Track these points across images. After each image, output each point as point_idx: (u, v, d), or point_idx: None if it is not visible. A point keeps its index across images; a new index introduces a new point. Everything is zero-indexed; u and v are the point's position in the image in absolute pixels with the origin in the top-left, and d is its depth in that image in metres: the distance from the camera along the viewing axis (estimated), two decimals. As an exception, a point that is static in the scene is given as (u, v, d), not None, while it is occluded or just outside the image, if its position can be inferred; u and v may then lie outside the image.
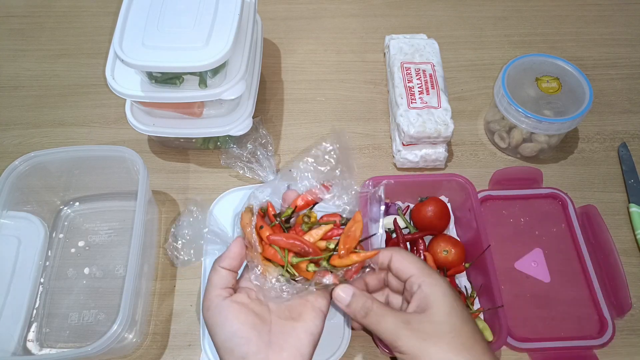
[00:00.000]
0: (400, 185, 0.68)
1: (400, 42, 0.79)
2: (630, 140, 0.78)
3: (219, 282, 0.48)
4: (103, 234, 0.70)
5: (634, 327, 0.64)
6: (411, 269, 0.47)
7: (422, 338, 0.43)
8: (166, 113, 0.70)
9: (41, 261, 0.67)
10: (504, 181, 0.70)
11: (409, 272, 0.47)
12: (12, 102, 0.83)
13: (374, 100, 0.83)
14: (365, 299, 0.47)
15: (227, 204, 0.71)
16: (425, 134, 0.70)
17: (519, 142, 0.75)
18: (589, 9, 0.93)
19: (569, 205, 0.69)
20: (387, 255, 0.49)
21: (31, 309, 0.64)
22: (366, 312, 0.46)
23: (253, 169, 0.71)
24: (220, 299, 0.46)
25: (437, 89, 0.73)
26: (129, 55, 0.60)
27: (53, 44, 0.90)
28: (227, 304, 0.46)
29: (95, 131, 0.80)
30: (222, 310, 0.45)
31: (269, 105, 0.82)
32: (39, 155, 0.65)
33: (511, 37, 0.90)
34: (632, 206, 0.71)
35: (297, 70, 0.86)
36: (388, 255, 0.49)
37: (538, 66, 0.73)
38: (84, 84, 0.85)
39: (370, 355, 0.62)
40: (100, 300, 0.66)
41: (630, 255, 0.68)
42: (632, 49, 0.88)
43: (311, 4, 0.94)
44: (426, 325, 0.43)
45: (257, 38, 0.78)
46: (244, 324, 0.45)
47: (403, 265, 0.48)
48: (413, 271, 0.47)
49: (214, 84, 0.65)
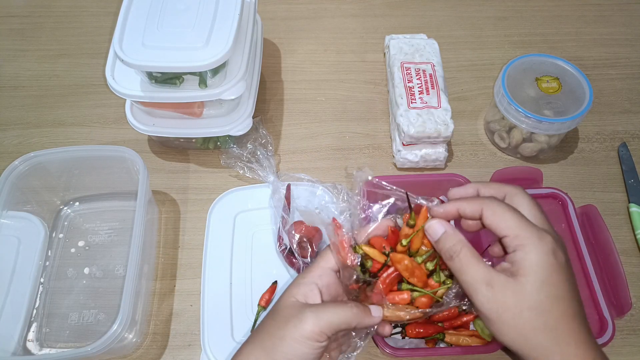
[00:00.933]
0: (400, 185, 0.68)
1: (400, 42, 0.79)
2: (630, 140, 0.78)
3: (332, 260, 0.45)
4: (103, 234, 0.70)
5: (634, 327, 0.64)
6: (505, 229, 0.40)
7: (501, 306, 0.39)
8: (166, 113, 0.70)
9: (41, 261, 0.67)
10: (504, 181, 0.70)
11: (502, 231, 0.40)
12: (12, 102, 0.83)
13: (374, 100, 0.83)
14: (456, 242, 0.42)
15: (227, 204, 0.71)
16: (425, 134, 0.70)
17: (519, 142, 0.75)
18: (589, 9, 0.93)
19: (569, 205, 0.68)
20: (477, 209, 0.42)
21: (31, 309, 0.64)
22: (452, 255, 0.42)
23: (253, 169, 0.71)
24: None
25: (437, 89, 0.73)
26: (129, 55, 0.60)
27: (53, 44, 0.90)
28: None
29: (95, 131, 0.80)
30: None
31: (269, 105, 0.82)
32: (39, 155, 0.65)
33: (511, 37, 0.90)
34: (632, 206, 0.71)
35: (297, 70, 0.86)
36: (477, 209, 0.42)
37: (538, 66, 0.73)
38: (84, 84, 0.85)
39: (370, 356, 0.62)
40: (100, 300, 0.66)
41: (630, 255, 0.68)
42: (632, 49, 0.88)
43: (311, 4, 0.94)
44: (509, 295, 0.39)
45: (257, 38, 0.78)
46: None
47: (496, 222, 0.41)
48: (507, 231, 0.40)
49: (214, 84, 0.65)
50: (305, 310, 0.43)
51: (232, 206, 0.71)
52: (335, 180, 0.72)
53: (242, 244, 0.68)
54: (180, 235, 0.70)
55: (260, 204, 0.71)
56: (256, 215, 0.70)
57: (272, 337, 0.43)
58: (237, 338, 0.62)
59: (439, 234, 0.43)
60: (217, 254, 0.67)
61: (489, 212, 0.41)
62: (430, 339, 0.58)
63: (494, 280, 0.39)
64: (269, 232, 0.68)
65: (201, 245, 0.68)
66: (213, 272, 0.65)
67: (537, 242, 0.39)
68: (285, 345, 0.42)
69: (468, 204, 0.43)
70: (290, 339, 0.42)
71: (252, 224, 0.69)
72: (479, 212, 0.42)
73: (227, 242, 0.68)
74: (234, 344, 0.61)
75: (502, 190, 0.44)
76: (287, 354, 0.42)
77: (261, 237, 0.68)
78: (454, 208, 0.44)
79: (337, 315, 0.43)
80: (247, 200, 0.71)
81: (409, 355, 0.56)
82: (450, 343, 0.58)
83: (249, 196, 0.71)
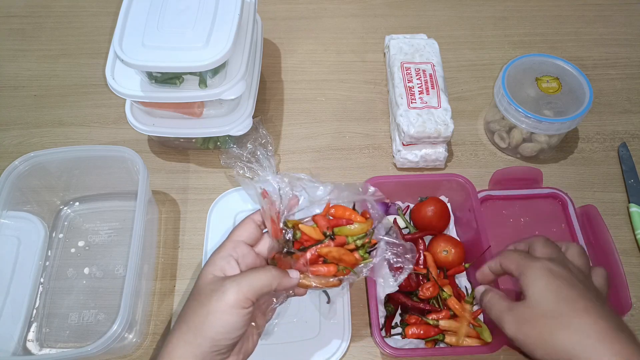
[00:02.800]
0: (400, 185, 0.68)
1: (400, 42, 0.79)
2: (630, 140, 0.78)
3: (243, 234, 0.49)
4: (103, 234, 0.70)
5: (634, 327, 0.64)
6: (510, 266, 0.49)
7: (520, 322, 0.45)
8: (166, 113, 0.70)
9: (41, 261, 0.67)
10: (504, 181, 0.70)
11: (510, 269, 0.49)
12: (12, 102, 0.83)
13: (374, 100, 0.83)
14: (488, 291, 0.50)
15: (227, 204, 0.71)
16: (425, 134, 0.70)
17: (519, 142, 0.75)
18: (589, 9, 0.93)
19: (569, 205, 0.69)
20: (497, 264, 0.51)
21: (31, 309, 0.64)
22: (488, 300, 0.49)
23: (253, 169, 0.71)
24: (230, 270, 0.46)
25: (437, 89, 0.73)
26: (129, 55, 0.60)
27: (53, 44, 0.90)
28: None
29: (95, 131, 0.80)
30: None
31: (269, 105, 0.82)
32: (39, 155, 0.65)
33: (511, 37, 0.90)
34: (632, 206, 0.71)
35: (297, 70, 0.86)
36: (497, 261, 0.51)
37: (538, 66, 0.73)
38: (84, 84, 0.85)
39: (370, 356, 0.62)
40: (100, 300, 0.66)
41: (630, 255, 0.68)
42: (632, 49, 0.88)
43: (311, 4, 0.94)
44: (523, 311, 0.45)
45: (257, 38, 0.78)
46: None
47: (505, 264, 0.49)
48: (512, 267, 0.48)
49: (214, 84, 0.64)
50: (226, 282, 0.45)
51: (232, 206, 0.71)
52: (335, 180, 0.72)
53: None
54: (180, 235, 0.70)
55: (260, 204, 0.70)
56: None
57: (198, 315, 0.44)
58: (237, 338, 0.62)
59: (479, 294, 0.52)
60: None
61: (502, 259, 0.50)
62: (430, 339, 0.58)
63: (512, 306, 0.47)
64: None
65: (201, 245, 0.68)
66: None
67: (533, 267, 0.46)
68: (214, 319, 0.43)
69: (493, 262, 0.52)
70: (216, 312, 0.43)
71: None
72: (498, 266, 0.51)
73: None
74: (234, 344, 0.61)
75: (496, 260, 0.51)
76: (217, 327, 0.43)
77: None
78: (488, 271, 0.53)
79: (258, 279, 0.45)
80: (247, 200, 0.71)
81: (409, 355, 0.56)
82: (450, 343, 0.58)
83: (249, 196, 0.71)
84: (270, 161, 0.71)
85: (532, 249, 0.50)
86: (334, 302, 0.63)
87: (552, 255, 0.48)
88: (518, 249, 0.51)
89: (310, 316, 0.63)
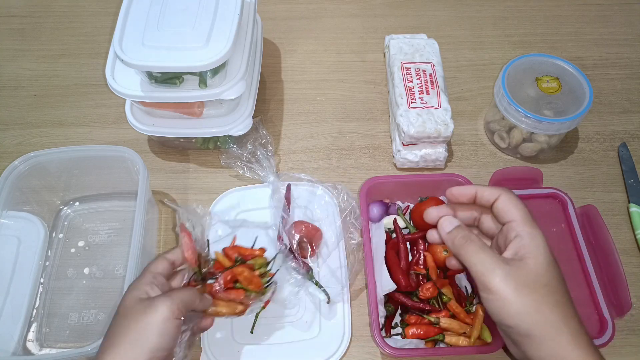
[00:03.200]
0: (400, 185, 0.68)
1: (400, 42, 0.79)
2: (630, 140, 0.78)
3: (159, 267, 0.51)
4: (103, 234, 0.70)
5: (634, 327, 0.64)
6: (514, 214, 0.45)
7: (517, 284, 0.42)
8: (166, 113, 0.70)
9: (41, 261, 0.67)
10: (504, 181, 0.70)
11: (511, 216, 0.45)
12: (12, 102, 0.83)
13: (374, 100, 0.83)
14: (468, 232, 0.47)
15: (227, 203, 0.71)
16: (425, 134, 0.70)
17: (519, 142, 0.75)
18: (589, 9, 0.93)
19: (569, 205, 0.68)
20: (495, 194, 0.47)
21: (31, 309, 0.64)
22: (466, 240, 0.46)
23: (253, 169, 0.71)
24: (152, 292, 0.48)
25: (437, 89, 0.73)
26: (129, 55, 0.60)
27: (53, 44, 0.90)
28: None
29: (95, 131, 0.80)
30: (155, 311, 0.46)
31: (269, 105, 0.82)
32: (39, 155, 0.65)
33: (511, 37, 0.90)
34: (632, 206, 0.71)
35: (297, 70, 0.86)
36: (495, 194, 0.47)
37: (538, 66, 0.73)
38: (84, 84, 0.85)
39: (370, 356, 0.62)
40: (100, 300, 0.66)
41: (630, 255, 0.68)
42: (632, 49, 0.88)
43: (311, 4, 0.94)
44: (522, 274, 0.42)
45: (257, 38, 0.78)
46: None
47: (507, 208, 0.46)
48: (516, 217, 0.45)
49: (214, 84, 0.65)
50: (155, 299, 0.47)
51: (232, 206, 0.71)
52: (335, 180, 0.72)
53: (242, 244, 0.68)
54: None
55: (260, 204, 0.71)
56: (256, 215, 0.70)
57: (133, 331, 0.45)
58: (237, 338, 0.62)
59: (451, 227, 0.48)
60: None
61: (506, 197, 0.46)
62: (430, 339, 0.58)
63: (507, 260, 0.43)
64: (270, 232, 0.68)
65: (201, 245, 0.68)
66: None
67: (539, 231, 0.44)
68: (151, 331, 0.45)
69: (487, 188, 0.48)
70: (152, 324, 0.45)
71: (252, 224, 0.69)
72: (496, 196, 0.47)
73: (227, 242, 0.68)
74: (234, 344, 0.61)
75: (497, 190, 0.48)
76: (155, 338, 0.45)
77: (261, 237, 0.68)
78: (473, 190, 0.48)
79: (185, 294, 0.48)
80: (247, 200, 0.71)
81: (409, 355, 0.56)
82: (449, 344, 0.58)
83: (249, 196, 0.71)
84: (270, 161, 0.71)
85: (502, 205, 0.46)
86: (334, 302, 0.63)
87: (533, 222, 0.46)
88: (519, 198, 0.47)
89: (310, 316, 0.63)
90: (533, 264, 0.43)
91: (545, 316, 0.41)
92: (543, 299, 0.42)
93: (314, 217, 0.69)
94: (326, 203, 0.70)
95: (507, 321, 0.42)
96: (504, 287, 0.42)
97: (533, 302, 0.41)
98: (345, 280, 0.64)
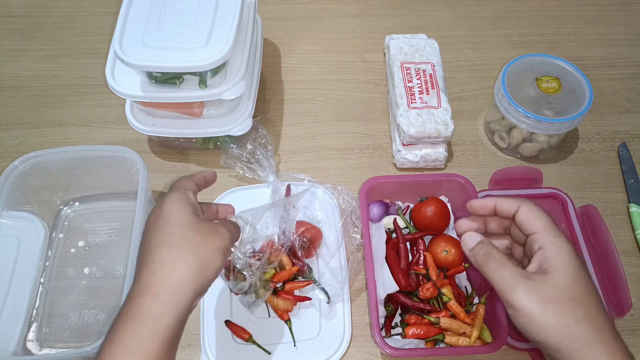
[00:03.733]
0: (400, 185, 0.68)
1: (400, 42, 0.79)
2: (630, 140, 0.78)
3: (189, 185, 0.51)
4: (103, 234, 0.70)
5: (634, 327, 0.64)
6: (536, 225, 0.44)
7: (541, 299, 0.41)
8: (166, 113, 0.70)
9: (41, 261, 0.67)
10: (504, 181, 0.70)
11: (534, 228, 0.44)
12: (12, 102, 0.83)
13: (374, 100, 0.83)
14: (490, 247, 0.46)
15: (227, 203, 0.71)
16: (425, 134, 0.70)
17: (519, 142, 0.75)
18: (589, 9, 0.93)
19: (569, 205, 0.69)
20: (514, 206, 0.46)
21: (31, 309, 0.64)
22: (487, 257, 0.45)
23: (253, 169, 0.71)
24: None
25: (437, 89, 0.73)
26: (129, 55, 0.60)
27: (53, 44, 0.90)
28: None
29: (95, 131, 0.80)
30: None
31: (269, 105, 0.82)
32: (39, 155, 0.65)
33: (511, 37, 0.90)
34: (632, 206, 0.71)
35: (297, 70, 0.86)
36: (515, 206, 0.46)
37: (538, 66, 0.73)
38: (84, 84, 0.85)
39: (370, 356, 0.62)
40: (100, 300, 0.66)
41: (630, 255, 0.68)
42: (632, 49, 0.88)
43: (311, 4, 0.94)
44: (547, 288, 0.41)
45: (257, 38, 0.78)
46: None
47: (529, 219, 0.45)
48: (538, 228, 0.44)
49: (214, 84, 0.65)
50: (220, 228, 0.47)
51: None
52: (335, 181, 0.72)
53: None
54: (180, 235, 0.70)
55: (260, 204, 0.70)
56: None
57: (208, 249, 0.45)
58: (236, 339, 0.62)
59: (474, 242, 0.47)
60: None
61: (526, 209, 0.46)
62: (430, 339, 0.58)
63: (530, 275, 0.42)
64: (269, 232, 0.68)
65: (201, 245, 0.67)
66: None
67: (564, 241, 0.43)
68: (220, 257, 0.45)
69: (507, 200, 0.47)
70: (221, 251, 0.46)
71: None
72: (516, 209, 0.46)
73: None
74: (234, 344, 0.61)
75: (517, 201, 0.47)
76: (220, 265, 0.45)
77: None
78: (492, 202, 0.48)
79: (235, 229, 0.50)
80: (247, 200, 0.71)
81: (409, 355, 0.56)
82: (449, 344, 0.58)
83: (249, 196, 0.71)
84: (270, 161, 0.71)
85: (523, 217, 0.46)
86: (334, 302, 0.63)
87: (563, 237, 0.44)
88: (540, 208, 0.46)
89: (310, 316, 0.63)
90: (557, 277, 0.41)
91: (572, 331, 0.40)
92: (569, 313, 0.40)
93: (314, 218, 0.69)
94: (326, 204, 0.69)
95: (535, 337, 0.41)
96: (528, 303, 0.41)
97: (559, 317, 0.40)
98: (345, 280, 0.64)
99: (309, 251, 0.65)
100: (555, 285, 0.41)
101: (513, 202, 0.47)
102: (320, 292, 0.63)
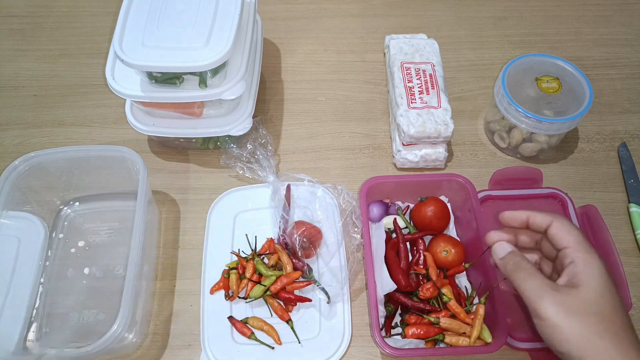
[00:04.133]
0: (400, 185, 0.68)
1: (400, 42, 0.79)
2: (630, 140, 0.78)
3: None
4: (103, 234, 0.70)
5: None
6: (568, 240, 0.45)
7: (567, 311, 0.41)
8: (166, 113, 0.70)
9: (41, 261, 0.67)
10: (504, 181, 0.70)
11: (565, 243, 0.45)
12: (12, 102, 0.83)
13: (374, 100, 0.83)
14: (520, 258, 0.47)
15: (227, 203, 0.71)
16: (425, 134, 0.70)
17: (519, 142, 0.75)
18: (589, 9, 0.93)
19: (569, 205, 0.68)
20: (547, 220, 0.47)
21: (31, 309, 0.64)
22: (517, 267, 0.46)
23: (253, 169, 0.71)
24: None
25: (437, 89, 0.73)
26: (129, 55, 0.60)
27: (53, 44, 0.90)
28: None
29: (95, 131, 0.80)
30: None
31: (269, 105, 0.82)
32: (39, 155, 0.65)
33: (511, 37, 0.90)
34: (632, 206, 0.71)
35: (297, 70, 0.86)
36: (548, 220, 0.47)
37: (538, 66, 0.73)
38: (84, 84, 0.85)
39: (370, 356, 0.62)
40: (100, 300, 0.66)
41: (630, 255, 0.68)
42: (632, 49, 0.88)
43: (311, 4, 0.94)
44: (575, 301, 0.42)
45: (257, 38, 0.78)
46: None
47: (561, 234, 0.46)
48: (569, 243, 0.45)
49: (214, 84, 0.65)
50: None
51: (232, 206, 0.71)
52: (335, 181, 0.72)
53: (242, 244, 0.68)
54: (180, 236, 0.70)
55: (260, 204, 0.71)
56: (256, 215, 0.70)
57: None
58: (237, 338, 0.62)
59: (504, 252, 0.49)
60: (217, 254, 0.67)
61: (559, 223, 0.47)
62: (430, 339, 0.58)
63: (558, 287, 0.43)
64: (269, 232, 0.68)
65: (201, 245, 0.68)
66: (213, 272, 0.65)
67: (595, 257, 0.44)
68: None
69: (539, 214, 0.48)
70: None
71: (252, 224, 0.69)
72: (548, 223, 0.47)
73: (227, 242, 0.68)
74: (234, 344, 0.61)
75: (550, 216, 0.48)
76: None
77: (261, 237, 0.68)
78: (525, 215, 0.49)
79: None
80: (247, 200, 0.71)
81: (409, 355, 0.56)
82: (449, 344, 0.58)
83: (249, 196, 0.71)
84: (270, 161, 0.71)
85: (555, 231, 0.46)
86: (334, 302, 0.63)
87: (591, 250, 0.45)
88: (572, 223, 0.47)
89: (310, 316, 0.63)
90: (585, 292, 0.42)
91: (595, 345, 0.41)
92: (594, 327, 0.41)
93: (314, 218, 0.69)
94: (327, 203, 0.69)
95: (559, 348, 0.42)
96: (554, 313, 0.42)
97: (584, 330, 0.41)
98: (345, 280, 0.64)
99: (309, 251, 0.65)
100: (582, 299, 0.42)
101: (546, 216, 0.48)
102: (320, 292, 0.63)
